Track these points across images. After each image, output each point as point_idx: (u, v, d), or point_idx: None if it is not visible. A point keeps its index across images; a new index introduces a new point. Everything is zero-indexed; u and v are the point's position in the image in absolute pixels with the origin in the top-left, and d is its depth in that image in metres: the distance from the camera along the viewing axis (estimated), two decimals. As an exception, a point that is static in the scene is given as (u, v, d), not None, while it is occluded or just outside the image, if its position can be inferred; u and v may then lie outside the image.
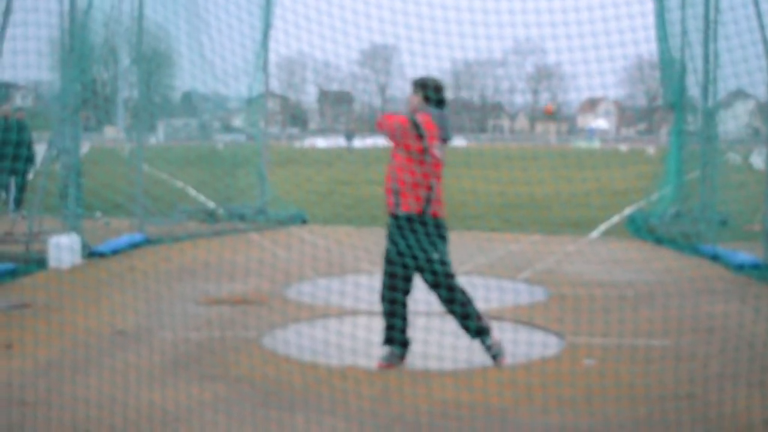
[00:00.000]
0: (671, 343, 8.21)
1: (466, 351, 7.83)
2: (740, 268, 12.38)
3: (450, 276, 7.54)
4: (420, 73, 8.31)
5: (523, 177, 8.63)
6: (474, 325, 7.59)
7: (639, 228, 16.39)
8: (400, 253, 7.41)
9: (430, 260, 7.43)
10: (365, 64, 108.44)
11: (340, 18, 9.31)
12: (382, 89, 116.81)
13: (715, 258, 13.29)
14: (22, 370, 7.22)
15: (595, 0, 8.81)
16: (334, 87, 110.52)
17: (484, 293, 9.51)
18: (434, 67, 8.98)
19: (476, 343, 7.81)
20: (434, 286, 7.52)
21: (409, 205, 7.42)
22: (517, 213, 16.83)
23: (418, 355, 7.68)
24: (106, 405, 6.21)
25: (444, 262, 7.50)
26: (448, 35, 8.88)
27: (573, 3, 8.91)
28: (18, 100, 22.25)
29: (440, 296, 7.54)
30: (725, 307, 9.65)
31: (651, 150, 59.04)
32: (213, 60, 16.75)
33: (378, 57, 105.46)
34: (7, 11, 11.85)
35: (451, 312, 7.60)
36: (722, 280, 11.69)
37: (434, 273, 7.46)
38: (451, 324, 8.24)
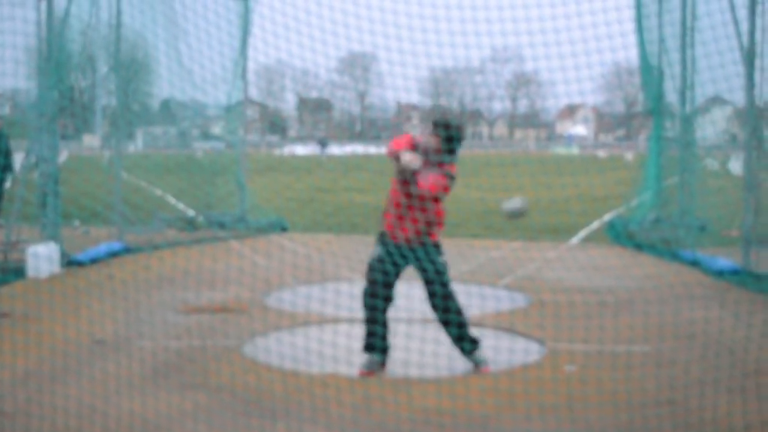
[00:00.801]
0: (652, 349, 8.24)
1: (447, 358, 7.82)
2: (720, 273, 12.43)
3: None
4: (398, 80, 8.35)
5: (503, 183, 8.65)
6: (468, 334, 7.76)
7: (619, 234, 16.44)
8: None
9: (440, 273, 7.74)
10: (344, 72, 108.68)
11: (318, 27, 9.31)
12: (361, 97, 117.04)
13: (694, 264, 13.35)
14: (0, 380, 7.15)
15: (571, 8, 8.83)
16: (313, 95, 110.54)
17: (465, 300, 9.49)
18: (412, 75, 8.99)
19: (457, 351, 7.82)
20: (446, 297, 7.72)
21: (437, 235, 7.79)
22: (498, 219, 16.83)
23: (399, 363, 7.67)
24: (86, 415, 6.17)
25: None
26: (426, 44, 8.89)
27: (550, 11, 8.94)
28: (-5, 109, 22.08)
29: (451, 307, 7.72)
30: (705, 313, 9.68)
31: (629, 156, 59.29)
32: (191, 67, 16.71)
33: (356, 65, 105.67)
34: (-16, 19, 11.77)
35: (450, 322, 7.68)
36: (702, 286, 11.73)
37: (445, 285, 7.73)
38: (432, 331, 8.24)
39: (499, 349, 8.01)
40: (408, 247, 7.70)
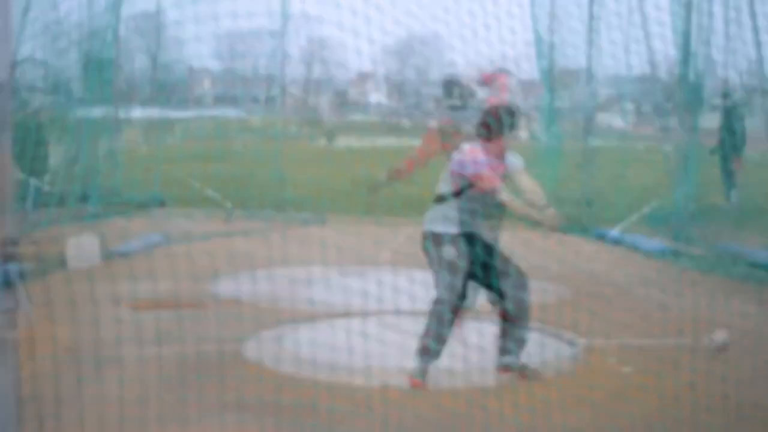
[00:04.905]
0: (701, 342, 8.07)
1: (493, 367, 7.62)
2: (766, 267, 12.24)
3: None
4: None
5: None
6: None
7: (659, 226, 16.23)
8: None
9: None
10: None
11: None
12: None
13: (739, 256, 13.13)
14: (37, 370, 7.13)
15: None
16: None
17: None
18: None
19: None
20: None
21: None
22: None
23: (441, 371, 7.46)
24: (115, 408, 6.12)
25: None
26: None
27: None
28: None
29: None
30: (758, 307, 9.55)
31: (667, 147, 58.65)
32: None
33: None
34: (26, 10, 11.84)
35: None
36: (748, 279, 11.57)
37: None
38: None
39: (541, 345, 7.90)
40: None
